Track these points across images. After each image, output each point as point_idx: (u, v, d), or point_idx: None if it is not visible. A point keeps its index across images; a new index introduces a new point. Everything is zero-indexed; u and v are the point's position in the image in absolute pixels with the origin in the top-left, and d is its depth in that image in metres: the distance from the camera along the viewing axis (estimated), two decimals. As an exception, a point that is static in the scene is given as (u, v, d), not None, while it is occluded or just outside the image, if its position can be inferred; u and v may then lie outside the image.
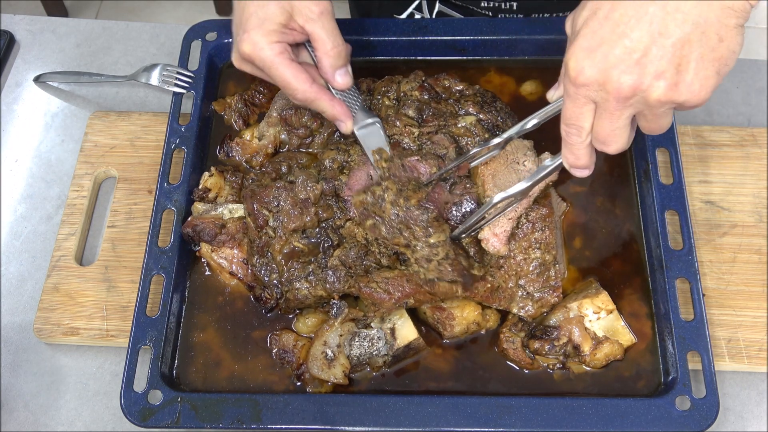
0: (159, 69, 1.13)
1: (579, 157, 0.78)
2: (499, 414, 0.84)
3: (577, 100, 0.72)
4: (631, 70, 0.67)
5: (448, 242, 0.87)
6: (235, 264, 0.95)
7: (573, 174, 0.81)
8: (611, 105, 0.70)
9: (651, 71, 0.67)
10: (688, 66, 0.67)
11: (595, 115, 0.73)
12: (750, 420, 0.91)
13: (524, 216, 0.92)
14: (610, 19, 0.68)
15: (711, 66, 0.68)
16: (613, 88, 0.68)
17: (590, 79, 0.69)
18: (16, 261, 1.03)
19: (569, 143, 0.77)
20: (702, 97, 0.68)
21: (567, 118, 0.75)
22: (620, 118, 0.71)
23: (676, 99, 0.68)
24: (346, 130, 0.94)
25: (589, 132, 0.74)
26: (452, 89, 1.02)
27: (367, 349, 0.90)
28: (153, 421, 0.85)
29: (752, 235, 1.00)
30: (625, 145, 0.74)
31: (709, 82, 0.68)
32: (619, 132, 0.73)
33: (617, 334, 0.90)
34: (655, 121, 0.72)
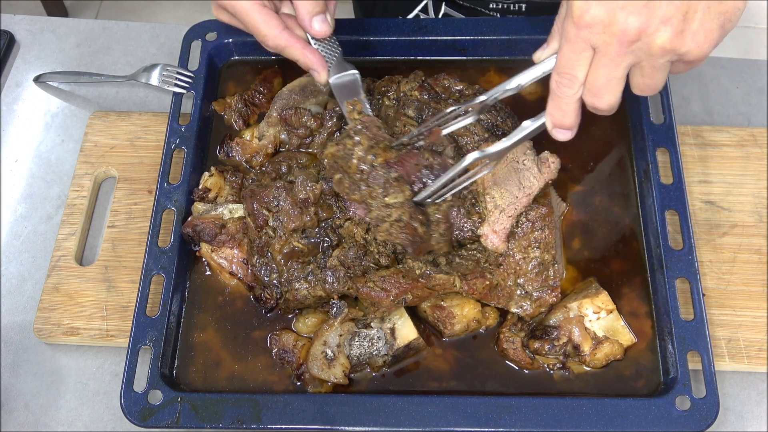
0: (159, 69, 1.13)
1: (566, 114, 0.74)
2: (499, 414, 0.84)
3: (577, 43, 0.69)
4: (638, 11, 0.66)
5: (405, 206, 0.84)
6: (235, 264, 0.95)
7: (554, 136, 0.77)
8: (613, 49, 0.68)
9: (659, 15, 0.66)
10: (694, 15, 0.66)
11: (591, 63, 0.71)
12: (750, 420, 0.91)
13: (524, 215, 0.92)
14: None
15: (717, 18, 0.67)
16: (619, 29, 0.66)
17: (596, 18, 0.67)
18: (16, 261, 1.03)
19: (558, 96, 0.74)
20: (704, 50, 0.68)
21: (561, 66, 0.72)
22: (619, 66, 0.69)
23: (679, 48, 0.67)
24: (320, 79, 0.92)
25: (582, 84, 0.72)
26: (452, 89, 1.02)
27: (367, 349, 0.90)
28: (153, 421, 0.85)
29: (752, 235, 1.00)
30: (616, 102, 0.72)
31: (713, 35, 0.67)
32: (615, 83, 0.71)
33: (617, 334, 0.90)
34: (651, 75, 0.70)
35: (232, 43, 1.11)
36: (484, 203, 0.92)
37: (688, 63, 0.70)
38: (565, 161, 0.98)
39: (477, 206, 0.92)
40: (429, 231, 0.86)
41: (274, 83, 1.09)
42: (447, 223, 0.88)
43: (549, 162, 0.94)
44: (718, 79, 1.15)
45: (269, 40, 0.89)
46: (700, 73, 1.15)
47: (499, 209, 0.91)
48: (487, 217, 0.91)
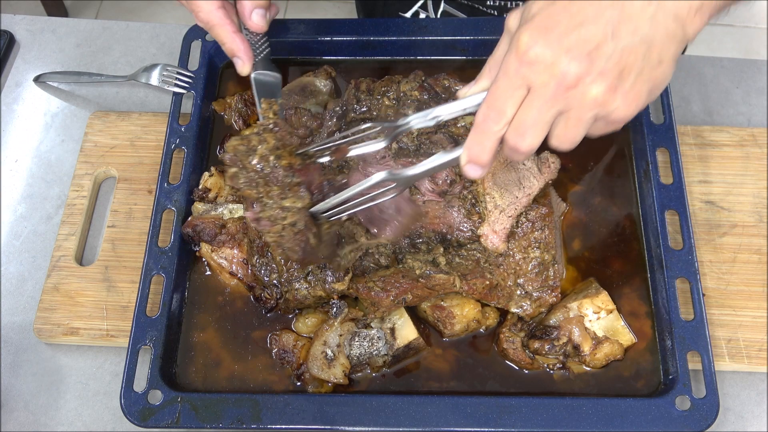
0: (159, 69, 1.13)
1: (484, 150, 0.73)
2: (499, 414, 0.84)
3: (514, 79, 0.69)
4: (581, 59, 0.67)
5: (302, 213, 0.80)
6: (235, 264, 0.95)
7: (465, 172, 0.75)
8: (549, 91, 0.68)
9: (598, 67, 0.67)
10: (628, 75, 0.68)
11: (523, 102, 0.70)
12: (750, 420, 0.91)
13: (524, 215, 0.92)
14: (568, 9, 0.68)
15: (646, 83, 0.69)
16: (560, 71, 0.67)
17: (540, 57, 0.68)
18: (16, 261, 1.03)
19: (482, 130, 0.72)
20: (630, 111, 0.70)
21: (492, 100, 0.71)
22: (551, 109, 0.69)
23: (608, 104, 0.69)
24: (242, 69, 0.90)
25: (508, 122, 0.71)
26: (452, 89, 1.02)
27: (367, 349, 0.90)
28: (153, 421, 0.85)
29: (752, 235, 1.00)
30: (536, 145, 0.72)
31: (641, 99, 0.70)
32: (541, 127, 0.70)
33: (617, 334, 0.90)
34: (574, 126, 0.71)
35: (232, 43, 1.11)
36: (484, 203, 0.92)
37: (609, 123, 0.71)
38: (565, 161, 0.98)
39: (477, 206, 0.92)
40: (318, 245, 0.83)
41: (274, 83, 1.09)
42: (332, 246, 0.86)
43: (549, 162, 0.95)
44: (718, 79, 1.15)
45: (202, 14, 0.87)
46: (700, 73, 1.15)
47: (499, 209, 0.91)
48: (487, 217, 0.91)
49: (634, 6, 0.68)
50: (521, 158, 0.74)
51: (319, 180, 0.83)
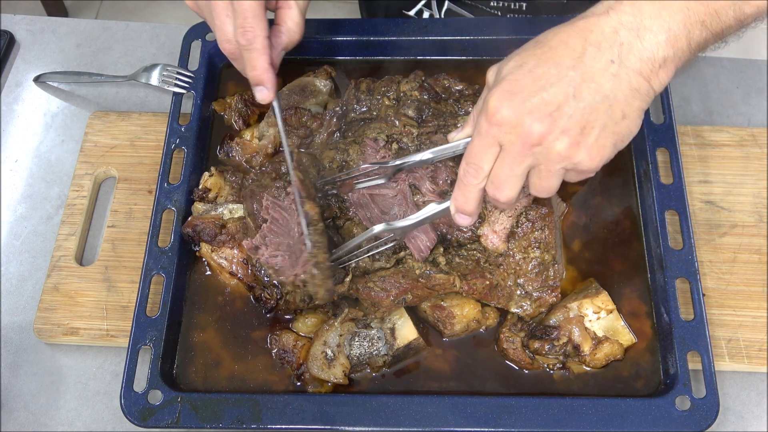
0: (159, 69, 1.13)
1: (468, 201, 0.80)
2: (499, 414, 0.84)
3: (486, 138, 0.75)
4: (543, 119, 0.72)
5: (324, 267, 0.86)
6: (235, 264, 0.95)
7: (456, 220, 0.83)
8: (516, 149, 0.74)
9: (560, 125, 0.72)
10: (591, 131, 0.73)
11: (497, 159, 0.76)
12: (750, 420, 0.91)
13: (524, 215, 0.92)
14: (533, 73, 0.73)
15: (610, 137, 0.74)
16: (524, 131, 0.73)
17: (506, 118, 0.73)
18: (16, 261, 1.03)
19: (464, 183, 0.79)
20: (596, 163, 0.75)
21: (470, 156, 0.78)
22: (521, 164, 0.75)
23: (573, 157, 0.74)
24: (265, 98, 0.90)
25: (486, 176, 0.78)
26: (452, 89, 1.02)
27: (367, 349, 0.90)
28: (153, 421, 0.85)
29: (752, 235, 1.00)
30: (515, 196, 0.78)
31: (606, 151, 0.74)
32: (515, 180, 0.76)
33: (617, 334, 0.90)
34: (547, 178, 0.76)
35: (232, 43, 1.11)
36: (484, 203, 0.92)
37: (579, 172, 0.77)
38: (565, 161, 0.98)
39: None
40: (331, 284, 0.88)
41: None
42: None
43: (549, 162, 0.94)
44: (718, 79, 1.15)
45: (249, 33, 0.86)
46: (700, 73, 1.15)
47: (499, 209, 0.91)
48: (487, 217, 0.91)
49: (595, 67, 0.72)
50: (504, 207, 0.83)
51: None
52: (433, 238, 0.90)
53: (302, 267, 0.87)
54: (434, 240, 0.90)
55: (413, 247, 0.90)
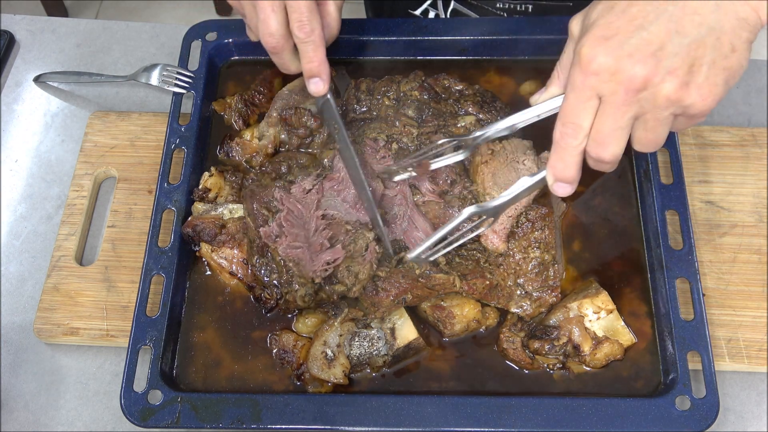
0: (159, 69, 1.13)
1: (569, 166, 0.74)
2: (499, 414, 0.84)
3: (583, 91, 0.70)
4: (645, 61, 0.66)
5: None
6: (235, 264, 0.95)
7: (554, 191, 0.77)
8: (619, 98, 0.68)
9: (665, 66, 0.66)
10: (700, 68, 0.67)
11: (597, 113, 0.71)
12: (750, 420, 0.91)
13: (524, 215, 0.92)
14: (627, 13, 0.68)
15: (721, 73, 0.68)
16: (626, 77, 0.67)
17: (603, 66, 0.68)
18: (16, 261, 1.03)
19: (562, 147, 0.73)
20: (708, 104, 0.68)
21: (566, 115, 0.72)
22: (625, 115, 0.69)
23: (684, 100, 0.68)
24: (321, 90, 0.91)
25: (587, 134, 0.72)
26: (452, 89, 1.02)
27: (367, 349, 0.90)
28: (153, 421, 0.85)
29: (752, 235, 1.00)
30: (620, 153, 0.72)
31: (718, 89, 0.68)
32: (620, 133, 0.71)
33: (617, 334, 0.90)
34: (654, 128, 0.71)
35: (232, 43, 1.11)
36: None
37: (690, 117, 0.70)
38: (565, 161, 0.98)
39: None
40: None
41: (274, 83, 1.09)
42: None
43: (549, 162, 0.94)
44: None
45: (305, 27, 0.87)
46: (700, 73, 1.15)
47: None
48: (487, 217, 0.91)
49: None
50: (608, 168, 0.75)
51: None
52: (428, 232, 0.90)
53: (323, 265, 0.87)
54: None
55: (412, 247, 0.90)
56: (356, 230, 0.90)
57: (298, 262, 0.88)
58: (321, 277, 0.87)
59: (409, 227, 0.90)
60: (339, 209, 0.92)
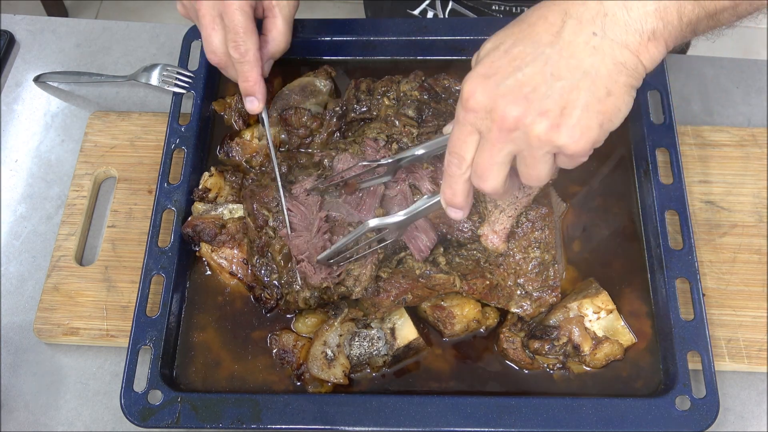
0: (159, 69, 1.13)
1: (456, 193, 0.77)
2: (499, 414, 0.84)
3: (464, 126, 0.72)
4: (518, 102, 0.68)
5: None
6: (235, 264, 0.95)
7: (449, 214, 0.80)
8: (494, 135, 0.70)
9: (537, 107, 0.68)
10: (572, 111, 0.68)
11: (477, 147, 0.73)
12: (750, 420, 0.91)
13: (524, 215, 0.92)
14: (509, 54, 0.70)
15: (595, 117, 0.69)
16: (499, 116, 0.69)
17: (480, 104, 0.70)
18: (16, 261, 1.03)
19: (449, 174, 0.76)
20: (581, 146, 0.69)
21: (452, 146, 0.74)
22: (501, 151, 0.71)
23: (555, 141, 0.69)
24: (256, 108, 0.95)
25: (470, 165, 0.74)
26: (452, 89, 1.02)
27: (367, 349, 0.90)
28: (153, 421, 0.85)
29: (752, 235, 1.00)
30: (500, 186, 0.74)
31: (591, 133, 0.69)
32: (497, 168, 0.72)
33: (617, 334, 0.90)
34: (533, 165, 0.72)
35: (232, 43, 1.11)
36: (484, 203, 0.92)
37: (569, 157, 0.71)
38: (565, 161, 0.98)
39: (477, 206, 0.92)
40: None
41: (274, 83, 1.09)
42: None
43: (549, 162, 0.94)
44: (718, 79, 1.15)
45: (241, 47, 0.90)
46: (700, 73, 1.15)
47: (499, 209, 0.91)
48: (487, 217, 0.91)
49: (575, 41, 0.68)
50: (493, 197, 0.77)
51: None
52: (433, 237, 0.90)
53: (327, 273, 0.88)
54: (434, 240, 0.90)
55: (413, 247, 0.90)
56: None
57: (304, 276, 0.88)
58: (331, 284, 0.88)
59: (410, 228, 0.90)
60: (341, 211, 0.92)
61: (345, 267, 0.88)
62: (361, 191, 0.92)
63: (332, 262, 0.88)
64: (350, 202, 0.92)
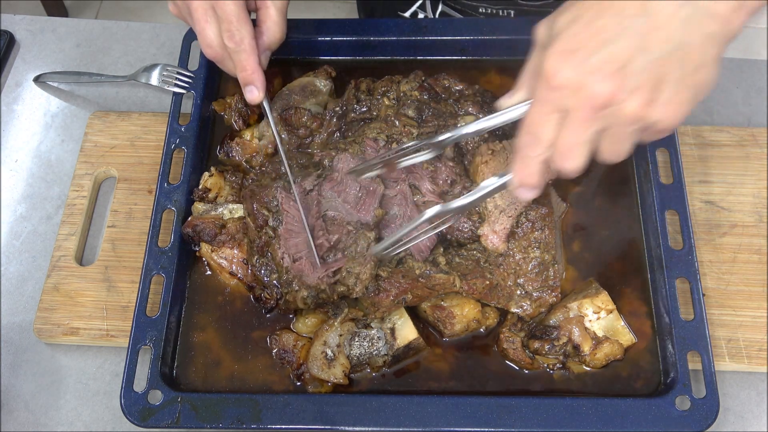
0: (159, 69, 1.13)
1: (531, 174, 0.73)
2: (499, 414, 0.84)
3: (546, 105, 0.69)
4: (609, 78, 0.65)
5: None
6: (235, 264, 0.95)
7: (518, 194, 0.76)
8: (581, 114, 0.67)
9: (629, 84, 0.65)
10: (665, 86, 0.66)
11: (561, 125, 0.69)
12: (750, 420, 0.91)
13: (524, 215, 0.92)
14: (593, 26, 0.66)
15: (687, 90, 0.67)
16: (589, 94, 0.66)
17: (566, 81, 0.66)
18: (16, 261, 1.03)
19: (525, 155, 0.72)
20: (673, 121, 0.68)
21: (529, 125, 0.71)
22: (587, 130, 0.68)
23: (648, 117, 0.67)
24: (256, 98, 0.93)
25: (548, 145, 0.71)
26: (452, 89, 1.02)
27: (367, 349, 0.90)
28: (153, 421, 0.85)
29: (752, 235, 1.00)
30: (581, 166, 0.71)
31: (684, 107, 0.68)
32: (583, 147, 0.69)
33: (617, 334, 0.90)
34: (618, 142, 0.70)
35: None
36: (484, 203, 0.92)
37: (657, 132, 0.70)
38: (565, 161, 0.98)
39: (477, 206, 0.92)
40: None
41: (274, 83, 1.09)
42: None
43: (549, 162, 0.94)
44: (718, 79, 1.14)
45: (236, 36, 0.88)
46: (700, 73, 1.15)
47: (498, 209, 0.91)
48: (487, 217, 0.91)
49: (663, 11, 0.64)
50: (570, 176, 0.73)
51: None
52: (433, 238, 0.90)
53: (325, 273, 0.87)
54: (434, 240, 0.90)
55: (414, 248, 0.90)
56: (357, 231, 0.90)
57: (300, 276, 0.88)
58: (327, 284, 0.88)
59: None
60: (340, 210, 0.92)
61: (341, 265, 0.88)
62: (360, 191, 0.92)
63: (392, 250, 0.85)
64: (349, 201, 0.92)
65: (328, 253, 0.90)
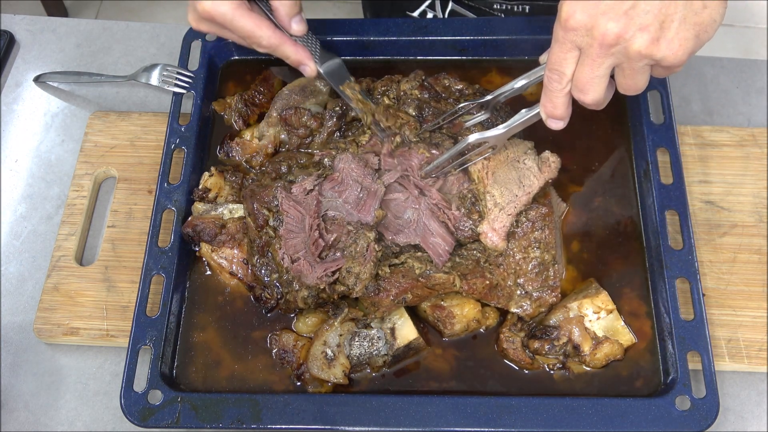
0: (159, 69, 1.13)
1: (557, 106, 0.82)
2: (499, 414, 0.84)
3: (563, 44, 0.77)
4: (618, 18, 0.72)
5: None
6: (235, 264, 0.95)
7: (548, 125, 0.84)
8: (594, 51, 0.75)
9: (636, 23, 0.72)
10: (671, 25, 0.72)
11: (577, 62, 0.77)
12: (750, 420, 0.91)
13: (524, 215, 0.92)
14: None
15: (692, 29, 0.73)
16: (599, 33, 0.73)
17: (579, 23, 0.74)
18: (16, 261, 1.03)
19: (549, 90, 0.81)
20: (679, 57, 0.74)
21: (551, 63, 0.79)
22: (601, 66, 0.76)
23: (655, 54, 0.73)
24: (311, 72, 0.99)
25: (570, 80, 0.79)
26: (452, 88, 1.02)
27: (367, 349, 0.90)
28: (153, 421, 0.85)
29: (752, 235, 1.00)
30: (601, 97, 0.79)
31: (688, 44, 0.74)
32: (598, 81, 0.77)
33: (617, 334, 0.90)
34: (632, 76, 0.77)
35: (232, 43, 1.11)
36: (484, 201, 0.92)
37: (666, 68, 0.76)
38: (565, 162, 0.98)
39: (477, 205, 0.92)
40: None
41: (274, 83, 1.09)
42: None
43: (549, 161, 0.95)
44: (718, 79, 1.15)
45: (264, 41, 0.94)
46: (700, 73, 1.15)
47: (498, 207, 0.91)
48: (487, 215, 0.91)
49: None
50: (594, 108, 0.81)
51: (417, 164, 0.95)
52: (451, 242, 0.90)
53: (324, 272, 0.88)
54: (452, 244, 0.90)
55: (432, 253, 0.90)
56: (357, 230, 0.90)
57: (299, 276, 0.88)
58: (326, 284, 0.88)
59: (425, 233, 0.91)
60: (340, 210, 0.92)
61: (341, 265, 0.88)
62: (361, 191, 0.92)
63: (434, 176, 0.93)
64: (349, 201, 0.92)
65: (328, 252, 0.90)
